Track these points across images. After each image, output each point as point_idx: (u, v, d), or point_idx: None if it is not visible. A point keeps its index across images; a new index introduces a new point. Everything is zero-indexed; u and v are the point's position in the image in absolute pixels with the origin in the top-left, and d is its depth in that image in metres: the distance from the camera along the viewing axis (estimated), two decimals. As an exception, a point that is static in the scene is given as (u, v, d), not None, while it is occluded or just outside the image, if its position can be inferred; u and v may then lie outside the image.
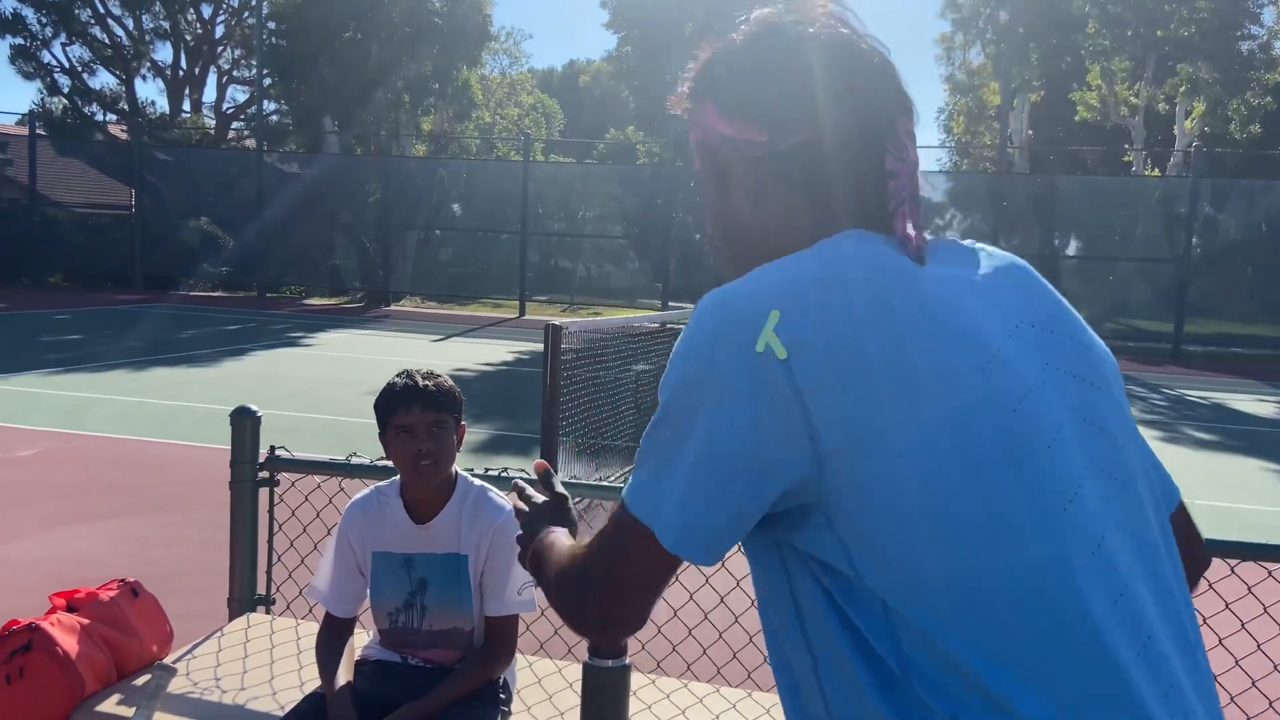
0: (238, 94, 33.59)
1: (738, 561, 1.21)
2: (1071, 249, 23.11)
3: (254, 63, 29.23)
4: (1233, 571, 2.24)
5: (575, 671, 2.72)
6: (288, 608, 3.26)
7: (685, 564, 0.99)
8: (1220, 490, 7.90)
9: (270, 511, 3.17)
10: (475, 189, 27.50)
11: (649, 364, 8.48)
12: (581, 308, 26.32)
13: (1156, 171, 23.86)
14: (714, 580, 2.83)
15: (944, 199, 28.42)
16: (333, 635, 2.34)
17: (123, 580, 2.73)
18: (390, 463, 2.96)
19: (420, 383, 2.22)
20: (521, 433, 9.11)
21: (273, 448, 3.15)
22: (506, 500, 2.34)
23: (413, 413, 2.20)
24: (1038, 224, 22.54)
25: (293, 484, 3.24)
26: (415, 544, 2.30)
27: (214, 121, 32.43)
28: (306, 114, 26.64)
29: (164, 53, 30.77)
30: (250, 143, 29.92)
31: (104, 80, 29.77)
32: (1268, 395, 14.48)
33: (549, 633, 3.25)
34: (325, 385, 11.11)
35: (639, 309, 24.78)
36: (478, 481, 2.36)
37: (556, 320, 6.02)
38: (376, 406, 2.27)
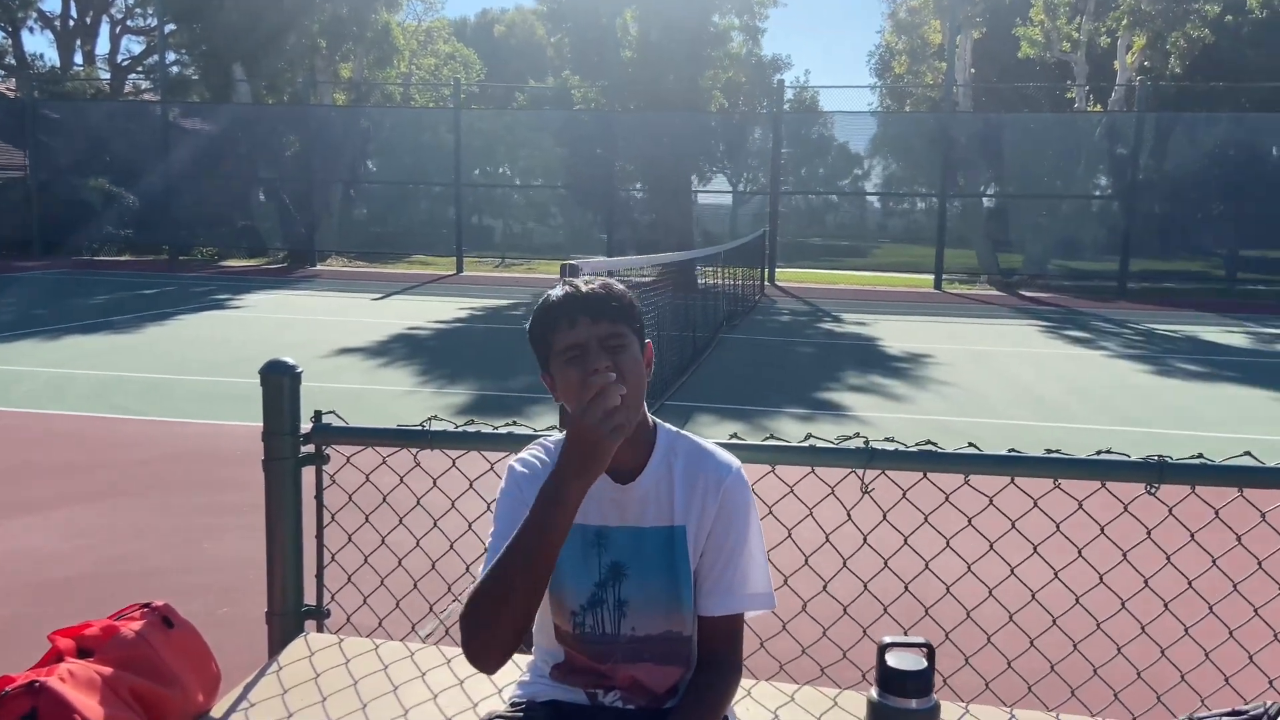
0: (133, 44, 31.41)
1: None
2: (1015, 188, 22.94)
3: (150, 10, 27.19)
4: None
5: (773, 693, 2.05)
6: (348, 621, 2.51)
7: None
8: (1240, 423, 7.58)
9: (317, 498, 2.39)
10: (401, 140, 26.10)
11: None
12: (513, 263, 25.31)
13: (1099, 107, 23.78)
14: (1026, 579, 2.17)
15: (871, 145, 28.04)
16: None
17: (148, 605, 1.95)
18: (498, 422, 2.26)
19: (583, 288, 1.50)
20: (507, 392, 8.34)
21: (318, 413, 2.37)
22: (725, 452, 1.66)
23: (579, 327, 1.47)
24: (982, 163, 22.29)
25: (347, 459, 2.48)
26: (610, 513, 1.58)
27: (109, 75, 30.26)
28: (211, 62, 24.85)
29: (52, 2, 28.51)
30: (152, 95, 27.95)
31: (-15, 31, 27.41)
32: (1231, 326, 14.46)
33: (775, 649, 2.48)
34: (272, 348, 10.12)
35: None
36: (680, 431, 1.66)
37: (575, 260, 5.32)
38: (531, 332, 1.54)
